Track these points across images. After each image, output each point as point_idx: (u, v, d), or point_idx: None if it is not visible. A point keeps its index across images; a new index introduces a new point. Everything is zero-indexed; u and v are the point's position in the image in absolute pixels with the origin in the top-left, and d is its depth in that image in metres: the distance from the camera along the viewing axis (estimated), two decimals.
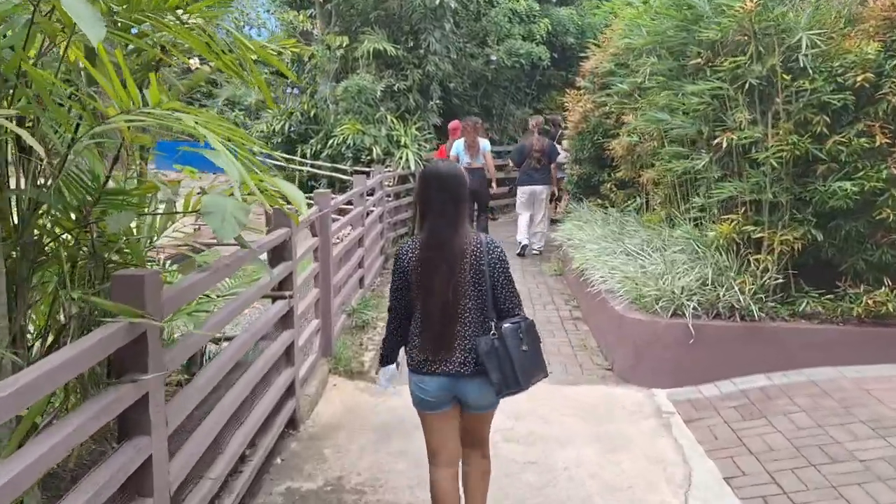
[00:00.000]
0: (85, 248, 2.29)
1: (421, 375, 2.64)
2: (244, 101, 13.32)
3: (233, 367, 3.08)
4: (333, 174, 10.87)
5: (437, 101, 10.78)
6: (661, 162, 6.31)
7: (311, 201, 5.09)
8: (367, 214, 7.83)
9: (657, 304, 4.93)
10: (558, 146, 9.96)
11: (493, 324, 2.58)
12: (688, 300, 4.85)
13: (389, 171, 9.98)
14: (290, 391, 4.02)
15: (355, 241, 6.71)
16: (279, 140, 12.41)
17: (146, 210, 2.56)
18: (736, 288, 4.82)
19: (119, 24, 2.49)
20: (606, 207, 8.46)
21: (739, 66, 4.86)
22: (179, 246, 2.93)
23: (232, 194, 2.11)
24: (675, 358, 4.84)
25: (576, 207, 9.15)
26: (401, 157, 10.06)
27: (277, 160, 12.89)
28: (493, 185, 9.04)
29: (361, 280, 6.94)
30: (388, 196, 9.81)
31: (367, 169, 9.92)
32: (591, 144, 8.73)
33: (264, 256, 3.82)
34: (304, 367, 4.51)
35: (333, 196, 5.88)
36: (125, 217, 2.22)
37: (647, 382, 4.87)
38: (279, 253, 3.91)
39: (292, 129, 12.06)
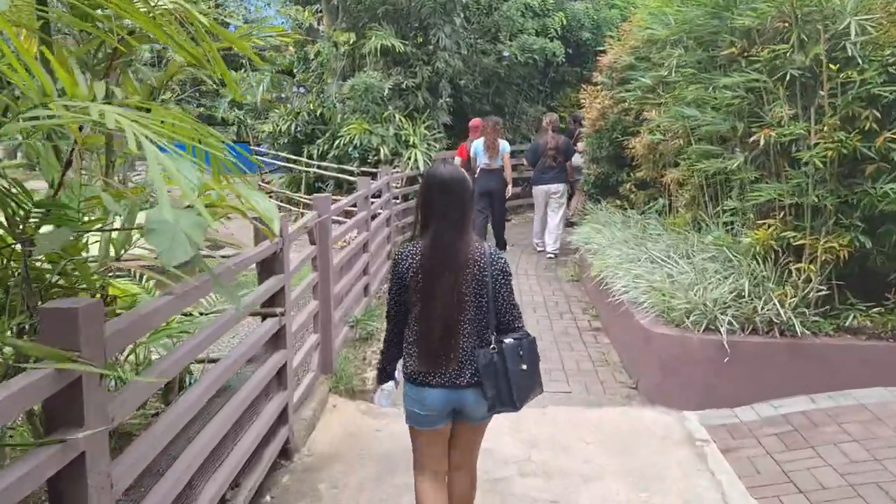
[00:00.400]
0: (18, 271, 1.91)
1: (419, 388, 2.54)
2: (250, 102, 12.98)
3: (213, 397, 2.70)
4: (340, 175, 10.49)
5: (448, 100, 10.38)
6: (688, 161, 5.87)
7: (311, 204, 4.71)
8: (373, 218, 7.46)
9: (688, 317, 4.49)
10: (575, 147, 9.57)
11: (492, 337, 2.51)
12: (721, 314, 4.41)
13: (397, 172, 9.59)
14: (282, 418, 3.62)
15: (359, 246, 6.32)
16: (285, 140, 12.06)
17: (91, 226, 2.16)
18: (775, 300, 4.37)
19: (75, 7, 2.13)
20: (626, 209, 8.02)
21: (779, 56, 4.41)
22: (148, 267, 2.54)
23: (191, 206, 1.71)
24: (707, 377, 4.40)
25: (593, 209, 8.71)
26: (409, 158, 9.67)
27: (279, 162, 12.56)
28: (510, 188, 8.77)
29: (366, 288, 6.55)
30: (396, 198, 9.42)
31: (373, 170, 9.55)
32: (609, 143, 8.29)
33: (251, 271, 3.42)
34: (299, 389, 4.11)
35: (336, 199, 5.51)
36: (59, 234, 1.83)
37: (676, 404, 4.43)
38: (269, 266, 3.52)
39: (298, 129, 11.70)
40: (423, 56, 10.03)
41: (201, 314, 3.64)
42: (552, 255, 8.87)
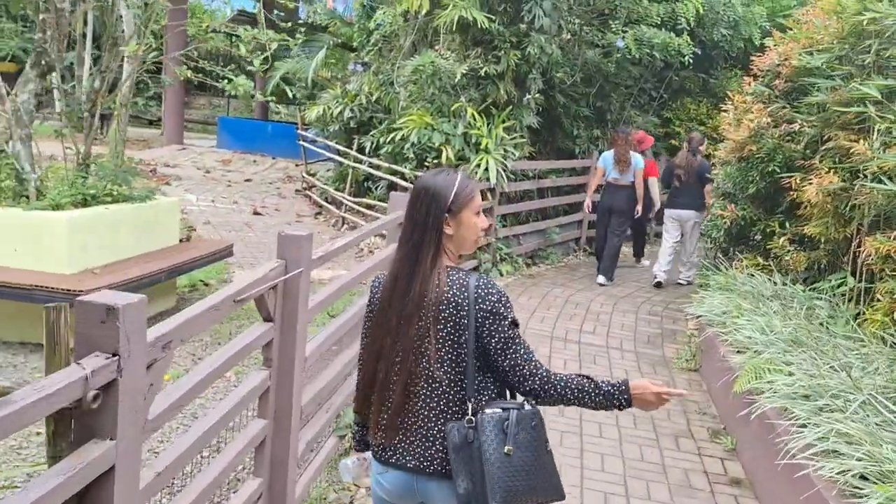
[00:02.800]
0: None
1: (378, 464, 1.93)
2: (303, 77, 11.09)
3: None
4: (392, 177, 8.42)
5: (537, 96, 8.11)
6: None
7: (360, 209, 2.62)
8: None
9: None
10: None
11: (471, 406, 1.79)
12: None
13: None
14: None
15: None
16: (337, 127, 10.09)
17: None
18: None
19: None
20: (772, 271, 5.62)
21: None
22: None
23: None
24: None
25: (720, 265, 6.30)
26: (477, 165, 7.47)
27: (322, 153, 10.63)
28: (640, 208, 7.85)
29: None
30: None
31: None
32: (759, 177, 5.86)
33: None
34: None
35: (335, 236, 3.37)
36: None
37: None
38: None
39: (353, 115, 9.70)
40: (511, 38, 7.79)
41: None
42: (683, 282, 8.08)
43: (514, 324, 1.85)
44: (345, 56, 10.12)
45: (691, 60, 9.25)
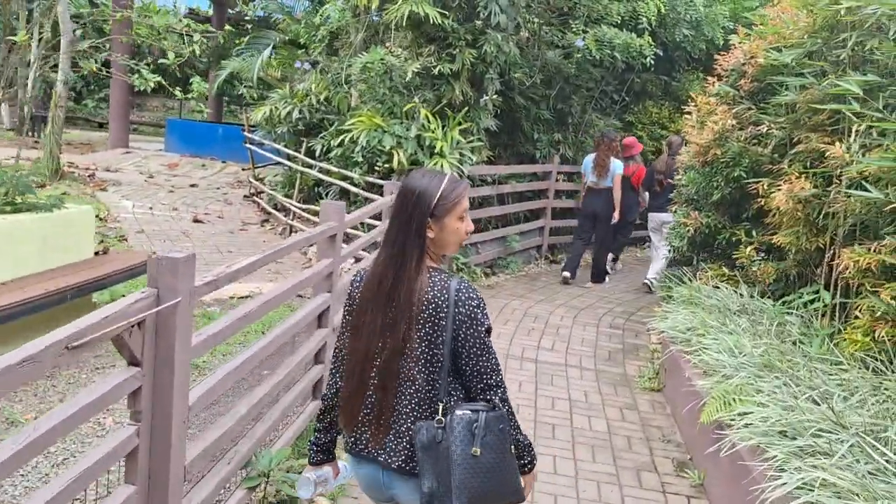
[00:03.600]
0: None
1: (351, 457, 1.99)
2: (249, 78, 10.49)
3: None
4: (342, 183, 7.91)
5: (494, 97, 7.68)
6: None
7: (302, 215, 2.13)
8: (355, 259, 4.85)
9: None
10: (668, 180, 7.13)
11: (441, 406, 1.83)
12: None
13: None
14: None
15: (312, 319, 3.73)
16: (285, 129, 9.53)
17: None
18: None
19: None
20: (738, 283, 5.28)
21: None
22: None
23: None
24: None
25: (684, 276, 5.95)
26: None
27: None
28: (616, 214, 7.86)
29: (315, 388, 3.93)
30: None
31: (380, 181, 6.93)
32: (724, 182, 5.51)
33: None
34: None
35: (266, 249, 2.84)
36: None
37: None
38: None
39: (301, 116, 9.15)
40: (466, 35, 7.36)
41: None
42: (646, 282, 7.97)
43: (489, 331, 1.89)
44: (293, 54, 9.57)
45: (653, 62, 8.94)
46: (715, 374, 3.99)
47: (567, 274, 8.08)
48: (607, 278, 8.37)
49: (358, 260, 6.06)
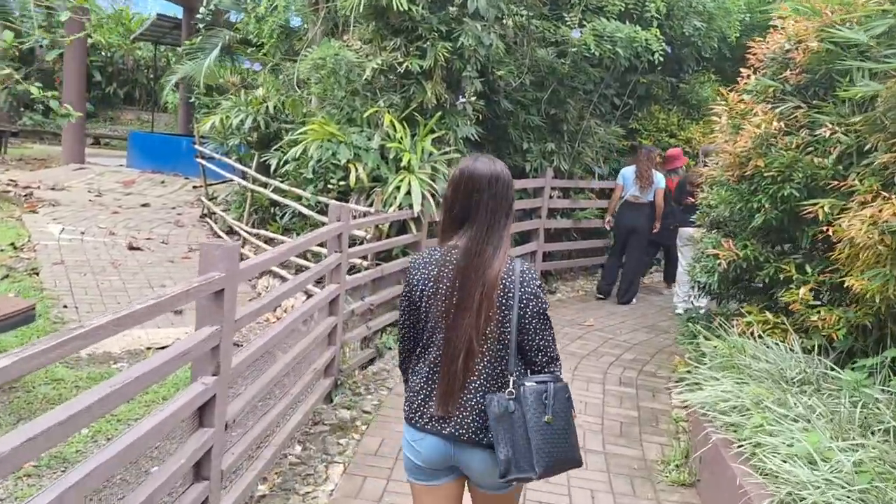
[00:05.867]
0: None
1: (414, 430, 2.10)
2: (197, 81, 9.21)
3: None
4: (295, 204, 6.63)
5: (474, 99, 6.41)
6: None
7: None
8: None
9: None
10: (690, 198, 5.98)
11: (511, 379, 2.00)
12: None
13: (370, 214, 5.66)
14: None
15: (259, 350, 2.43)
16: (237, 141, 8.27)
17: None
18: None
19: None
20: (785, 332, 4.03)
21: None
22: None
23: None
24: None
25: (713, 316, 4.68)
26: (397, 188, 5.72)
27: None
28: (657, 224, 7.50)
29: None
30: (368, 262, 5.59)
31: (334, 202, 5.65)
32: (769, 202, 4.23)
33: None
34: None
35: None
36: None
37: None
38: None
39: (255, 126, 7.89)
40: (439, 25, 6.10)
41: None
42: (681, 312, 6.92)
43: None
44: (246, 53, 8.32)
45: (661, 59, 7.70)
46: (784, 485, 2.71)
47: (601, 297, 7.84)
48: (634, 299, 7.76)
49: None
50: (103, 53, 23.72)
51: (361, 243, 5.42)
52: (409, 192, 5.76)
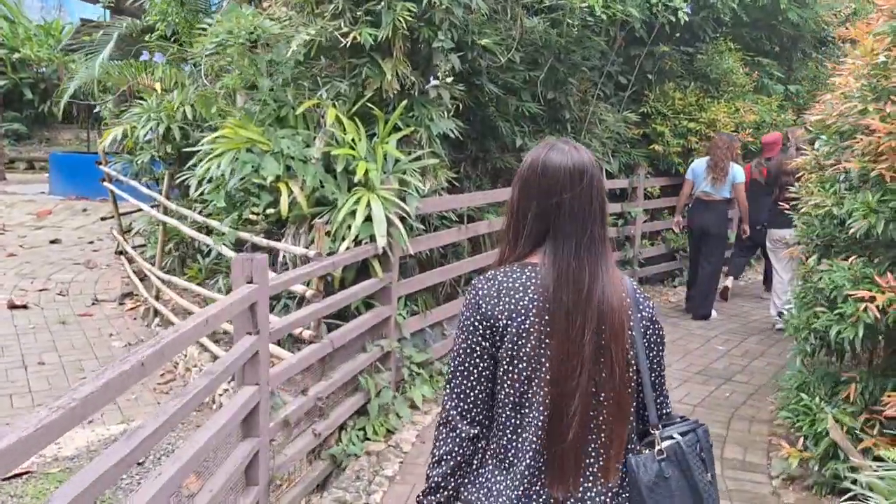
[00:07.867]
0: None
1: None
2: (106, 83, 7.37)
3: None
4: (215, 244, 4.81)
5: (449, 80, 4.63)
6: None
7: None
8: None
9: None
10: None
11: (657, 434, 1.51)
12: None
13: (314, 259, 3.84)
14: None
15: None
16: (147, 158, 6.44)
17: None
18: None
19: None
20: None
21: None
22: None
23: None
24: None
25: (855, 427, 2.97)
26: (351, 214, 3.93)
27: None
28: (746, 227, 6.50)
29: None
30: (312, 331, 3.84)
31: (261, 241, 3.86)
32: None
33: None
34: None
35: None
36: None
37: None
38: None
39: (169, 136, 6.08)
40: None
41: None
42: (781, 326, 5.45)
43: None
44: (144, 44, 6.49)
45: (685, 19, 5.99)
46: None
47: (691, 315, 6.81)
48: (714, 312, 6.70)
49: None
50: (34, 69, 21.58)
51: (302, 302, 3.63)
52: (368, 219, 3.98)
